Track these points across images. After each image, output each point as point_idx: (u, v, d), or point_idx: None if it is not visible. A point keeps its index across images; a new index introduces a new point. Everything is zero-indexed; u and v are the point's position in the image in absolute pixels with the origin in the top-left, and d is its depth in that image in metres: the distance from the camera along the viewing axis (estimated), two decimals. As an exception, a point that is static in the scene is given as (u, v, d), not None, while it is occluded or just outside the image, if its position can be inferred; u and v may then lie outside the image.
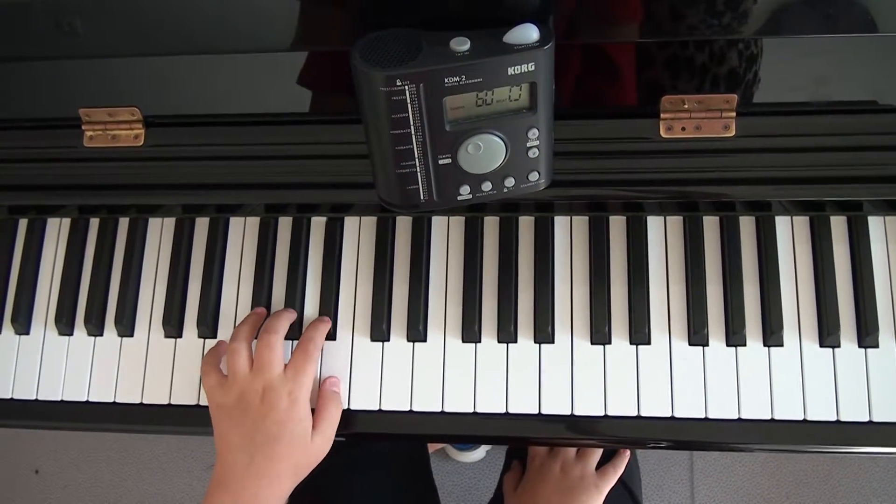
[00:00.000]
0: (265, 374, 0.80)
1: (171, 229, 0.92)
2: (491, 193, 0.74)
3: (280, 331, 0.83)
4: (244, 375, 0.81)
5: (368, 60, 0.65)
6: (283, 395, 0.79)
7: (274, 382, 0.80)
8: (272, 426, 0.78)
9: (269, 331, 0.83)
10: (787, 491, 1.76)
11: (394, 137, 0.68)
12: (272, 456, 0.78)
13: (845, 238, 0.84)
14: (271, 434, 0.78)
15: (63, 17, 0.75)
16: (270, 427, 0.78)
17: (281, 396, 0.79)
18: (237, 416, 0.80)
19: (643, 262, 0.85)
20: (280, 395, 0.79)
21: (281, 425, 0.79)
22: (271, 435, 0.78)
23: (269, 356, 0.81)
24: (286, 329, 0.85)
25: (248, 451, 0.78)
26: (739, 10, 0.70)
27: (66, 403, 0.90)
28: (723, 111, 0.77)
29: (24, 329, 0.92)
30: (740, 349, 0.82)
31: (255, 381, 0.80)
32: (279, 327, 0.84)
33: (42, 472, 1.94)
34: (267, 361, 0.81)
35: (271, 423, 0.79)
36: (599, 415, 0.82)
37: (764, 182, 0.79)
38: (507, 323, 0.84)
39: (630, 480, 1.08)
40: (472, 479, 1.80)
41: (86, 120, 0.84)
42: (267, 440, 0.78)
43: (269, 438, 0.78)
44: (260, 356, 0.81)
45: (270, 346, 0.81)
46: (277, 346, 0.82)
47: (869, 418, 0.80)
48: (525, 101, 0.68)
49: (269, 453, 0.78)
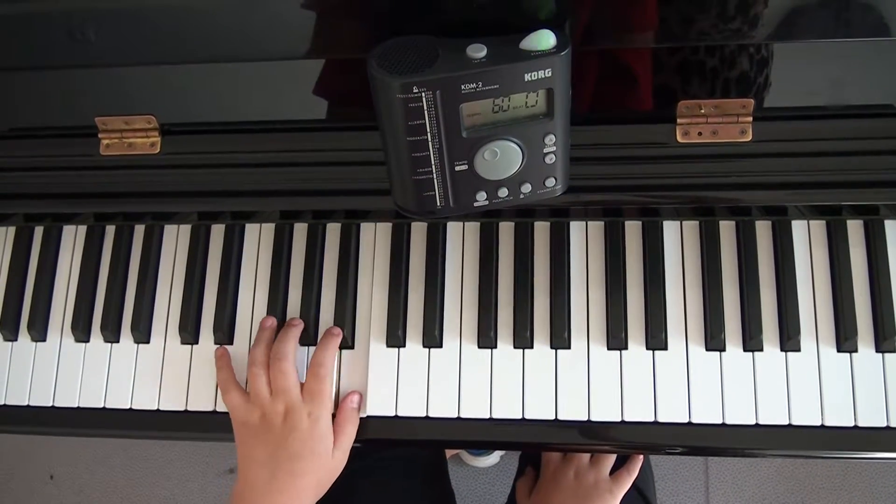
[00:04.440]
0: (283, 398, 0.82)
1: (187, 236, 0.93)
2: (507, 200, 0.74)
3: (289, 355, 0.84)
4: (266, 397, 0.83)
5: (385, 68, 0.65)
6: (303, 416, 0.81)
7: (294, 404, 0.82)
8: (294, 444, 0.80)
9: (279, 358, 0.84)
10: (801, 497, 1.75)
11: (410, 144, 0.68)
12: (294, 472, 0.79)
13: (862, 242, 0.84)
14: (294, 451, 0.80)
15: (78, 26, 0.75)
16: (293, 444, 0.80)
17: (302, 417, 0.81)
18: (261, 434, 0.82)
19: (659, 267, 0.85)
20: (301, 416, 0.81)
21: (303, 444, 0.80)
22: (294, 452, 0.80)
23: (283, 383, 0.83)
24: (295, 347, 0.86)
25: (271, 467, 0.80)
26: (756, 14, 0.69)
27: (82, 410, 0.90)
28: (739, 116, 0.77)
29: (40, 336, 0.92)
30: (757, 354, 0.82)
31: (277, 404, 0.82)
32: (287, 351, 0.85)
33: (57, 477, 1.95)
34: (283, 387, 0.83)
35: (294, 440, 0.80)
36: (616, 421, 0.82)
37: (781, 187, 0.79)
38: (523, 329, 0.84)
39: (644, 486, 1.07)
40: (487, 484, 1.80)
41: (102, 128, 0.84)
42: (289, 457, 0.80)
43: (292, 455, 0.80)
44: (275, 383, 0.83)
45: (283, 372, 0.83)
46: (290, 372, 0.83)
47: (886, 423, 0.79)
48: (542, 108, 0.68)
49: (291, 469, 0.79)
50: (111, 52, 0.77)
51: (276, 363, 0.83)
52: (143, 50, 0.77)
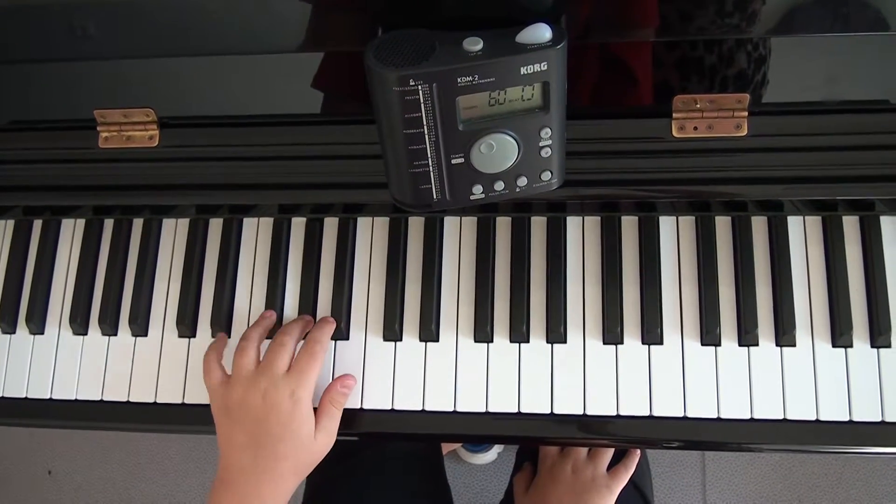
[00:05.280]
0: (269, 373, 0.80)
1: (185, 230, 0.93)
2: (503, 193, 0.74)
3: (295, 334, 0.84)
4: (248, 373, 0.81)
5: (382, 60, 0.65)
6: (285, 396, 0.80)
7: (277, 382, 0.80)
8: (275, 426, 0.79)
9: (285, 332, 0.84)
10: (798, 493, 1.75)
11: (407, 137, 0.68)
12: (275, 455, 0.78)
13: (858, 238, 0.84)
14: (274, 434, 0.79)
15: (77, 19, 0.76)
16: (273, 427, 0.79)
17: (283, 397, 0.80)
18: (240, 416, 0.80)
19: (655, 262, 0.85)
20: (282, 395, 0.80)
21: (283, 426, 0.79)
22: (274, 435, 0.79)
23: (279, 354, 0.81)
24: (301, 335, 0.85)
25: (251, 450, 0.79)
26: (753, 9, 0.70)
27: (80, 403, 0.90)
28: (735, 111, 0.77)
29: (38, 329, 0.93)
30: (753, 349, 0.82)
31: (259, 380, 0.80)
32: (295, 331, 0.84)
33: (55, 472, 1.95)
34: (275, 359, 0.81)
35: (274, 423, 0.79)
36: (612, 415, 0.82)
37: (776, 181, 0.79)
38: (520, 323, 0.85)
39: (641, 482, 1.08)
40: (484, 480, 1.80)
41: (101, 121, 0.85)
42: (270, 440, 0.79)
43: (273, 438, 0.79)
44: (270, 353, 0.82)
45: (283, 345, 0.82)
46: (289, 348, 0.82)
47: (881, 418, 0.80)
48: (538, 101, 0.69)
49: (272, 453, 0.78)
50: (110, 44, 0.77)
51: (281, 336, 0.83)
52: (142, 43, 0.77)
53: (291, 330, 0.84)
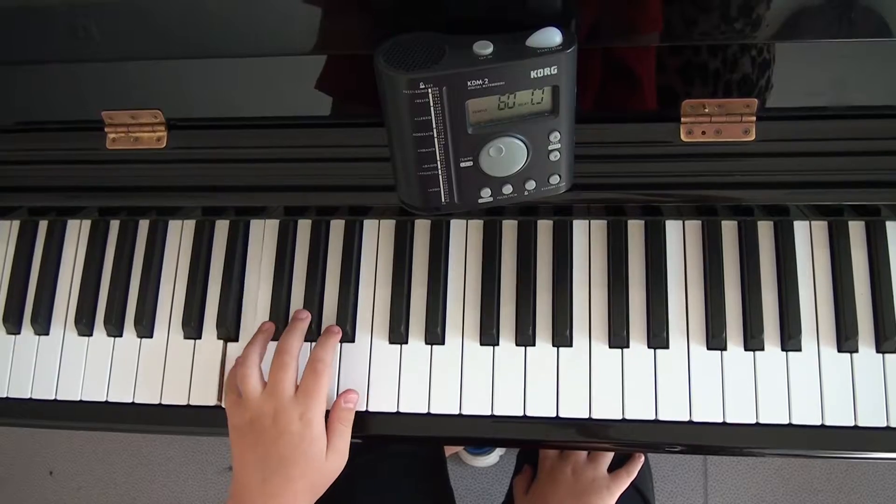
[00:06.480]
0: (276, 398, 0.81)
1: (191, 232, 0.93)
2: (512, 196, 0.74)
3: (294, 350, 0.84)
4: (256, 398, 0.81)
5: (392, 63, 0.65)
6: (294, 419, 0.80)
7: (285, 405, 0.80)
8: (285, 449, 0.79)
9: (283, 351, 0.83)
10: (801, 498, 1.75)
11: (416, 140, 0.68)
12: (287, 477, 0.78)
13: (863, 243, 0.84)
14: (285, 456, 0.79)
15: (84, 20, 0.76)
16: (283, 449, 0.79)
17: (293, 420, 0.80)
18: (251, 438, 0.81)
19: (661, 267, 0.85)
20: (292, 418, 0.80)
21: (294, 448, 0.79)
22: (285, 457, 0.79)
23: (282, 377, 0.81)
24: (300, 344, 0.85)
25: (263, 471, 0.79)
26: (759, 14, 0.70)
27: (84, 404, 0.90)
28: (743, 115, 0.77)
29: (43, 330, 0.93)
30: (758, 353, 0.82)
31: (267, 404, 0.81)
32: (293, 346, 0.84)
33: (56, 473, 1.95)
34: (279, 382, 0.81)
35: (284, 445, 0.79)
36: (616, 418, 0.82)
37: (783, 186, 0.79)
38: (525, 326, 0.85)
39: (643, 486, 1.07)
40: (486, 483, 1.80)
41: (108, 122, 0.85)
42: (281, 462, 0.79)
43: (283, 460, 0.79)
44: (273, 376, 0.82)
45: (284, 366, 0.82)
46: (291, 367, 0.82)
47: (886, 423, 0.80)
48: (547, 105, 0.69)
49: (284, 474, 0.78)
50: (118, 46, 0.77)
51: (280, 356, 0.83)
52: (150, 45, 0.77)
53: (290, 347, 0.84)
